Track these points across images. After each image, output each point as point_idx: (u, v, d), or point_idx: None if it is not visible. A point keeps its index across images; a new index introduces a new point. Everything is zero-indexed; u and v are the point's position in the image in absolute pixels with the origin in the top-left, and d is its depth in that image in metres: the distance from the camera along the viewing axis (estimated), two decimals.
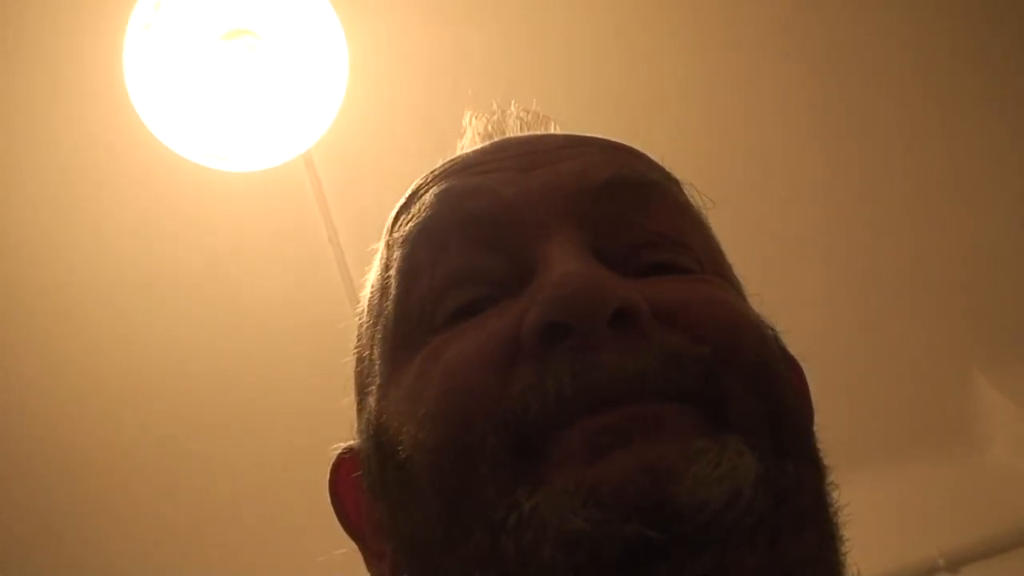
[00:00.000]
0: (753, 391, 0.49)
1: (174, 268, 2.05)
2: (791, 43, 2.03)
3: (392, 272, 0.58)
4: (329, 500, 0.64)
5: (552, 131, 0.65)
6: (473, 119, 0.67)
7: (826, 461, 0.55)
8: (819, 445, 0.56)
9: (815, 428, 0.61)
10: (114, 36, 1.65)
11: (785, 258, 2.15)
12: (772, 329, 0.58)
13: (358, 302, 0.64)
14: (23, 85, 1.85)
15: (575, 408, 0.46)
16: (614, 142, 0.62)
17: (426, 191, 0.59)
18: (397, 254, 0.58)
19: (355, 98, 1.80)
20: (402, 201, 0.62)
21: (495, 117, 0.66)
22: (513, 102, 0.67)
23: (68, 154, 1.91)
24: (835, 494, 0.53)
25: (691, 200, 0.62)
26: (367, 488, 0.58)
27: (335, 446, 0.64)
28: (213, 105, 1.66)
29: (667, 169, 0.63)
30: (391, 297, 0.58)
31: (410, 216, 0.59)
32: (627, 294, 0.48)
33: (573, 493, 0.43)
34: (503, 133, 0.65)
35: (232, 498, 2.26)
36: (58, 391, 2.12)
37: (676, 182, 0.62)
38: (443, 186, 0.58)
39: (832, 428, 0.63)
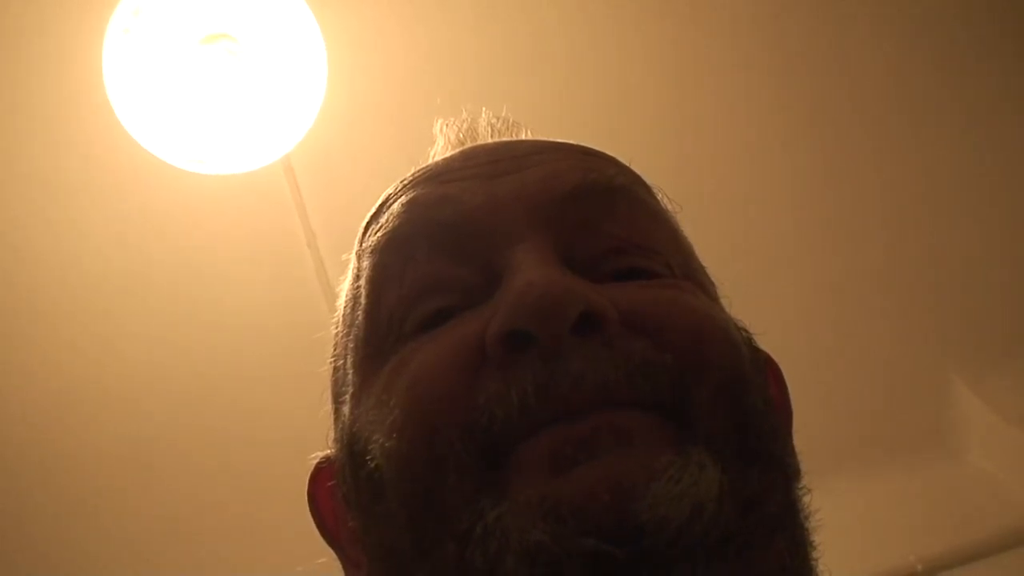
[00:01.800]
0: (720, 398, 0.49)
1: (153, 271, 2.04)
2: (764, 51, 2.04)
3: (362, 282, 0.58)
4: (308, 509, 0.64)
5: (522, 137, 0.65)
6: (444, 127, 0.67)
7: (798, 465, 0.55)
8: (792, 448, 0.56)
9: (793, 429, 0.61)
10: (94, 41, 1.64)
11: (759, 263, 2.16)
12: (744, 331, 0.58)
13: (336, 307, 0.64)
14: (1, 89, 1.84)
15: (539, 418, 0.46)
16: (582, 147, 0.62)
17: (395, 201, 0.59)
18: (366, 263, 0.58)
19: (334, 103, 1.80)
20: (372, 211, 0.62)
21: (465, 125, 0.66)
22: (484, 109, 0.67)
23: (48, 158, 1.91)
24: (806, 499, 0.53)
25: (661, 203, 0.62)
26: (342, 497, 0.58)
27: (313, 455, 0.64)
28: (193, 109, 1.66)
29: (637, 172, 0.62)
30: (361, 307, 0.58)
31: (379, 226, 0.59)
32: (592, 298, 0.48)
33: (536, 506, 0.43)
34: (474, 140, 0.65)
35: (210, 502, 2.25)
36: (37, 394, 2.11)
37: (645, 186, 0.62)
38: (410, 195, 0.58)
39: (809, 434, 0.63)
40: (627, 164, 0.63)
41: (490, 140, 0.64)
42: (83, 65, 1.76)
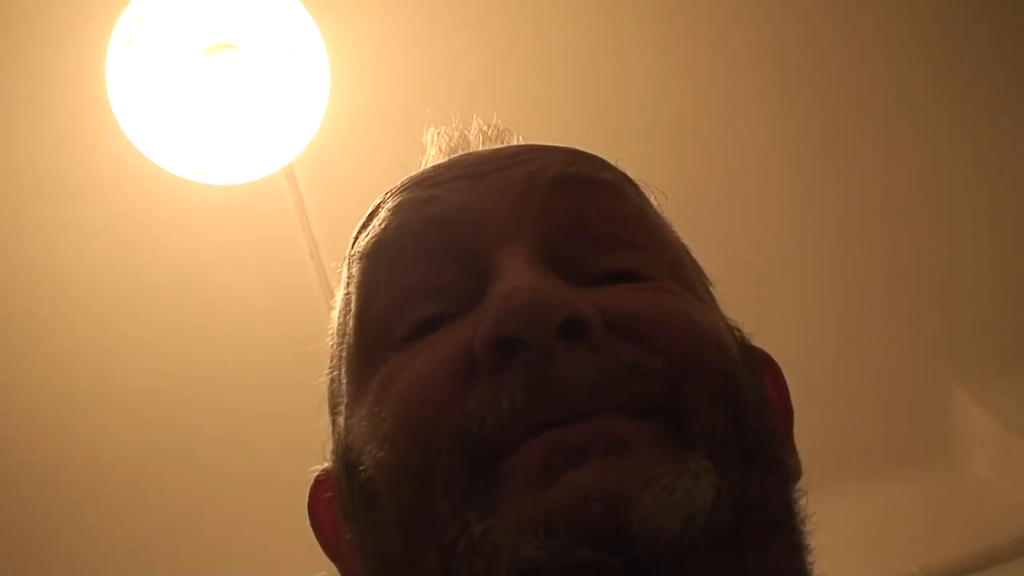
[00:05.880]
0: (714, 401, 0.48)
1: (155, 281, 2.04)
2: (764, 53, 2.04)
3: (352, 288, 0.59)
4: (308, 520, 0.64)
5: (513, 143, 0.65)
6: (435, 136, 0.67)
7: (798, 465, 0.55)
8: (792, 448, 0.56)
9: (792, 427, 0.60)
10: (97, 50, 1.65)
11: (758, 270, 2.15)
12: (737, 330, 0.58)
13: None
14: (5, 98, 1.84)
15: (529, 423, 0.46)
16: (570, 148, 0.62)
17: (383, 207, 0.60)
18: (356, 269, 0.59)
19: (336, 111, 1.80)
20: (362, 220, 0.62)
21: (456, 133, 0.66)
22: (475, 117, 0.67)
23: (51, 167, 1.91)
24: (802, 501, 0.53)
25: (649, 201, 0.62)
26: (339, 508, 0.58)
27: (314, 468, 0.64)
28: (195, 119, 1.66)
29: (625, 172, 0.62)
30: (352, 313, 0.58)
31: (368, 231, 0.59)
32: (576, 304, 0.48)
33: (526, 520, 0.43)
34: (466, 148, 0.65)
35: (211, 510, 2.25)
36: (38, 401, 2.11)
37: (633, 183, 0.62)
38: (397, 200, 0.59)
39: (809, 443, 0.63)
40: (616, 164, 0.63)
41: (481, 148, 0.64)
42: (86, 75, 1.77)
